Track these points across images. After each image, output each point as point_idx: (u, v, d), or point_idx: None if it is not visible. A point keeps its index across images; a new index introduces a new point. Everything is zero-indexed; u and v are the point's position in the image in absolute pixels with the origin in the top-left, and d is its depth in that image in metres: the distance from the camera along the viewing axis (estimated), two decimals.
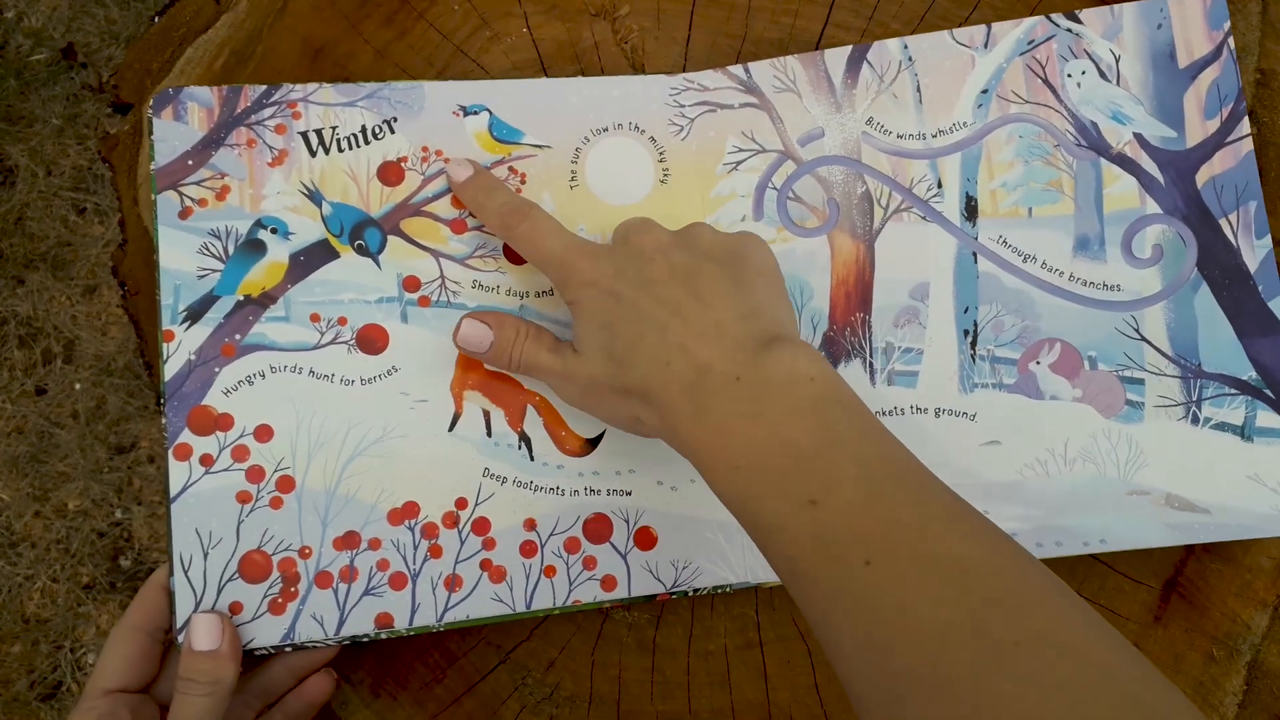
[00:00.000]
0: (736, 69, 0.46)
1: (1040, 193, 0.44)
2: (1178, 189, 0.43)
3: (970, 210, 0.44)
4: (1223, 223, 0.43)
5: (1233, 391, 0.42)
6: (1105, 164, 0.44)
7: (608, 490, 0.43)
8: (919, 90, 0.45)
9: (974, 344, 0.44)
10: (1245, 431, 0.42)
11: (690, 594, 0.43)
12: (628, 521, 0.43)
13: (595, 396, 0.39)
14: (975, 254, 0.44)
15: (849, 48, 0.45)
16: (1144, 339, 0.43)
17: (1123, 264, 0.43)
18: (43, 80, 1.11)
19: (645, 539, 0.43)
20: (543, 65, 0.48)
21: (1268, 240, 0.42)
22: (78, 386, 1.08)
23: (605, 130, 0.46)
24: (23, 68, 1.11)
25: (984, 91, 0.45)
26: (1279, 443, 0.42)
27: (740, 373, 0.35)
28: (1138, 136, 0.44)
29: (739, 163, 0.46)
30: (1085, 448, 0.43)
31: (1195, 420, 0.42)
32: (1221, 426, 0.42)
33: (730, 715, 0.45)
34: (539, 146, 0.46)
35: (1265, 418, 0.42)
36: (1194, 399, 0.43)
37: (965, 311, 0.44)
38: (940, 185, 0.45)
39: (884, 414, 0.44)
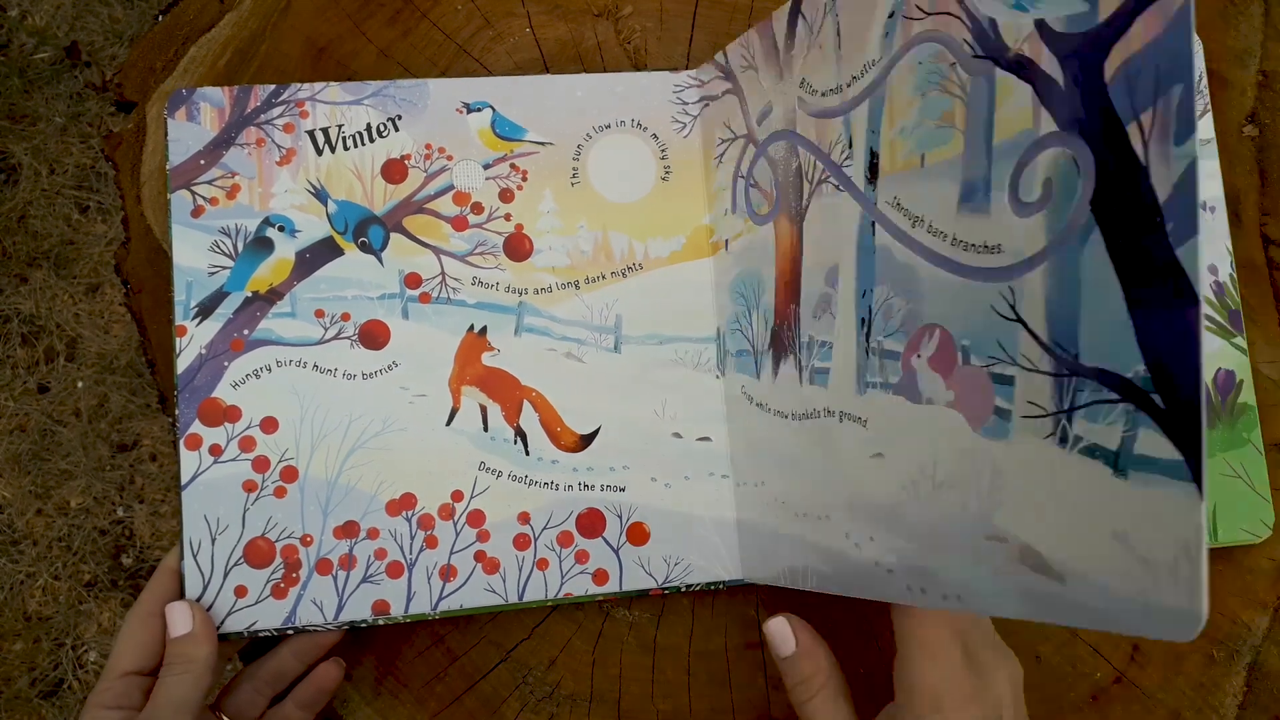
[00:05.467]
0: (719, 56, 0.46)
1: (933, 132, 0.37)
2: (1079, 89, 0.32)
3: (873, 169, 0.38)
4: (1131, 129, 0.29)
5: (1112, 396, 0.31)
6: (1000, 76, 0.34)
7: (601, 486, 0.44)
8: (839, 34, 0.39)
9: (868, 335, 0.38)
10: (1119, 461, 0.30)
11: (682, 590, 0.44)
12: (620, 517, 0.44)
13: None
14: (874, 224, 0.38)
15: (788, 4, 0.41)
16: (1019, 319, 0.34)
17: (1008, 213, 0.34)
18: (46, 79, 1.10)
19: (638, 534, 0.44)
20: (545, 65, 0.49)
21: (1191, 146, 0.26)
22: (80, 384, 1.07)
23: (608, 127, 0.47)
24: (26, 66, 1.09)
25: (890, 16, 0.38)
26: (1158, 483, 0.28)
27: None
28: (1040, 25, 0.33)
29: (722, 155, 0.46)
30: (952, 471, 0.34)
31: (1064, 440, 0.32)
32: (1092, 451, 0.31)
33: (730, 715, 0.46)
34: (541, 143, 0.47)
35: (1146, 439, 0.29)
36: (1065, 407, 0.32)
37: (863, 296, 0.38)
38: (850, 144, 0.39)
39: (803, 416, 0.41)
